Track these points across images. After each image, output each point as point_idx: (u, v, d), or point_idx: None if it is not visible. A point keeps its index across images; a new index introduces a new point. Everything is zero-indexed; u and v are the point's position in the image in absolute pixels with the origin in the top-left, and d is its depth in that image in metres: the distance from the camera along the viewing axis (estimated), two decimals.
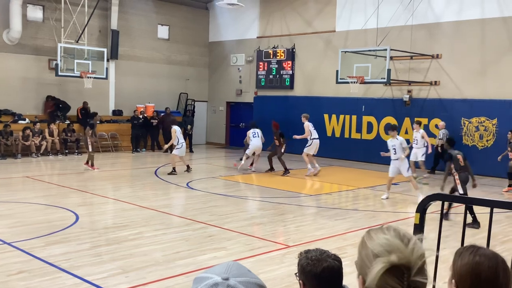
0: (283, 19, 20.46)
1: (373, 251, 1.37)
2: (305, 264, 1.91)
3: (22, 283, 5.43)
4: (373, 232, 1.44)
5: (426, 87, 16.51)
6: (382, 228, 1.44)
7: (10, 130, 16.39)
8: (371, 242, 1.40)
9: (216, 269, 1.26)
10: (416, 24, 16.19)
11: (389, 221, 9.21)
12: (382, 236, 1.39)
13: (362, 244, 1.44)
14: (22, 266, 5.97)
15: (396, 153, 11.00)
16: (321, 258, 1.91)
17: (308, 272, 1.89)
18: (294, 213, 9.56)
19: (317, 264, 1.89)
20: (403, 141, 11.05)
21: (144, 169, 15.14)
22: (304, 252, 1.99)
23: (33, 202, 9.74)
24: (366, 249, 1.40)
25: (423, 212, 2.34)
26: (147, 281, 5.60)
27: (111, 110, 20.36)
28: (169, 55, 21.94)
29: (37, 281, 5.51)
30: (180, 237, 7.50)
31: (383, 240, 1.37)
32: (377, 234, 1.41)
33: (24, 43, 17.69)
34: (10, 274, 5.67)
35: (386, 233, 1.40)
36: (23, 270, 5.83)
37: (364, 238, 1.45)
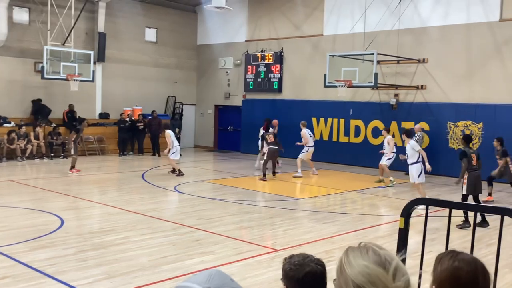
0: (271, 22, 20.51)
1: (353, 280, 1.30)
2: (288, 269, 1.91)
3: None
4: (351, 254, 1.36)
5: (412, 91, 16.64)
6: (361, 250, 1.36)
7: None
8: (351, 269, 1.32)
9: (197, 278, 1.22)
10: (403, 28, 16.32)
11: (376, 224, 9.24)
12: (361, 262, 1.32)
13: (341, 268, 1.36)
14: (6, 271, 5.88)
15: (408, 158, 10.71)
16: (304, 263, 1.90)
17: (291, 277, 1.89)
18: (282, 216, 9.55)
19: (299, 269, 1.89)
20: (414, 145, 10.68)
21: (131, 172, 15.04)
22: (288, 257, 1.98)
23: (18, 206, 9.62)
24: (345, 275, 1.33)
25: (407, 216, 2.35)
26: (133, 286, 5.55)
27: (98, 113, 20.21)
28: (157, 58, 21.85)
29: (21, 287, 5.43)
30: (167, 242, 7.45)
31: (363, 269, 1.30)
32: (356, 259, 1.33)
33: (9, 45, 17.50)
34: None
35: (365, 258, 1.32)
36: (7, 275, 5.75)
37: (343, 261, 1.37)
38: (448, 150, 15.67)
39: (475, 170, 9.04)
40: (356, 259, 1.33)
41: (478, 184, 9.15)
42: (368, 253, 1.33)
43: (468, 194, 8.99)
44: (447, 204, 2.53)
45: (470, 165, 8.98)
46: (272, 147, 14.20)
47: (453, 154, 15.42)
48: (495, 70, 14.90)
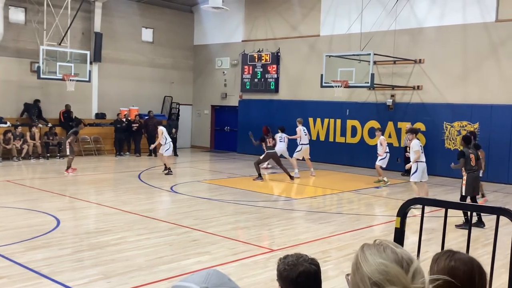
0: (268, 23, 20.52)
1: (370, 278, 1.27)
2: (282, 269, 1.92)
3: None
4: (368, 251, 1.33)
5: (409, 91, 16.68)
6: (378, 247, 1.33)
7: None
8: (368, 266, 1.29)
9: (194, 277, 1.22)
10: (399, 29, 16.36)
11: (372, 224, 9.25)
12: (379, 260, 1.29)
13: (357, 265, 1.33)
14: (2, 271, 5.86)
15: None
16: (298, 263, 1.91)
17: (285, 277, 1.89)
18: (279, 217, 9.56)
19: (293, 269, 1.89)
20: (414, 144, 10.80)
21: (128, 173, 15.02)
22: (282, 258, 1.99)
23: (13, 207, 9.59)
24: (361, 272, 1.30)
25: (403, 216, 2.35)
26: (129, 286, 5.54)
27: (94, 113, 20.17)
28: (153, 58, 21.83)
29: (18, 287, 5.41)
30: (163, 242, 7.44)
31: (381, 266, 1.27)
32: (373, 256, 1.30)
33: (5, 45, 17.45)
34: None
35: (383, 255, 1.30)
36: (3, 275, 5.72)
37: (359, 257, 1.34)
38: (444, 151, 15.71)
39: (474, 171, 9.05)
40: (373, 256, 1.30)
41: (477, 185, 9.18)
42: (386, 251, 1.31)
43: (467, 195, 9.00)
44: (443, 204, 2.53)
45: (469, 166, 8.98)
46: (271, 151, 14.30)
47: (449, 154, 15.46)
48: (491, 70, 14.96)
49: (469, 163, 8.98)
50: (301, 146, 15.22)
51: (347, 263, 6.55)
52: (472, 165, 9.01)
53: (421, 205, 2.38)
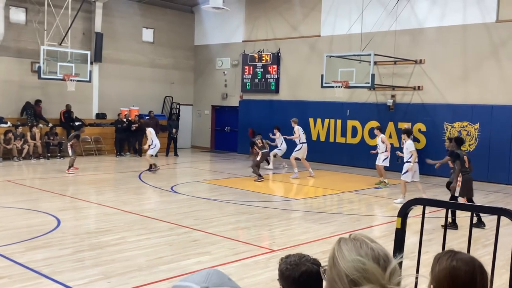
0: (268, 23, 20.52)
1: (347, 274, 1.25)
2: (284, 269, 1.91)
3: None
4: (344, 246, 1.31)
5: (409, 92, 16.67)
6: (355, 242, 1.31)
7: None
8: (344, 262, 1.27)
9: (195, 277, 1.22)
10: (400, 29, 16.35)
11: (372, 225, 9.25)
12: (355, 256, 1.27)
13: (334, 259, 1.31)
14: (2, 271, 5.86)
15: (405, 156, 11.26)
16: (300, 263, 1.91)
17: (287, 277, 1.89)
18: (279, 217, 9.55)
19: (295, 268, 1.89)
20: (409, 145, 11.14)
21: (128, 173, 15.01)
22: (284, 257, 1.98)
23: (14, 207, 9.59)
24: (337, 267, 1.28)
25: (404, 216, 2.35)
26: (129, 286, 5.54)
27: (95, 113, 20.17)
28: (154, 58, 21.83)
29: (18, 287, 5.41)
30: (163, 242, 7.44)
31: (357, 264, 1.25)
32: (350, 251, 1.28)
33: (6, 45, 17.45)
34: None
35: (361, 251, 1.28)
36: (3, 275, 5.72)
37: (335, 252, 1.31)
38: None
39: (468, 173, 9.07)
40: (350, 252, 1.28)
41: (471, 187, 9.18)
42: (362, 246, 1.29)
43: (460, 196, 8.99)
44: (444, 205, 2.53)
45: (464, 168, 8.99)
46: (265, 151, 14.52)
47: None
48: (492, 71, 14.95)
49: (464, 165, 8.99)
50: (301, 145, 15.12)
51: None
52: (466, 166, 9.03)
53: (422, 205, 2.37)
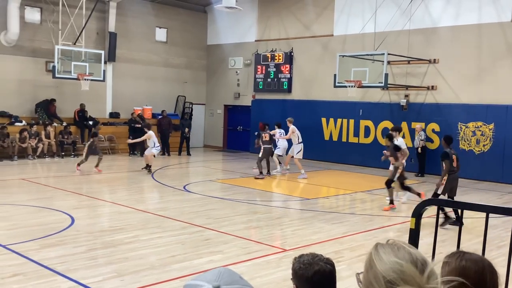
0: (281, 23, 20.50)
1: (384, 276, 1.27)
2: (297, 268, 1.92)
3: (16, 286, 5.38)
4: (381, 250, 1.33)
5: (423, 91, 16.55)
6: (392, 247, 1.33)
7: (7, 132, 16.34)
8: (381, 264, 1.29)
9: (206, 276, 1.22)
10: (414, 29, 16.24)
11: (385, 225, 9.20)
12: (393, 259, 1.29)
13: (370, 263, 1.33)
14: (17, 269, 5.93)
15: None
16: (313, 262, 1.91)
17: (300, 276, 1.89)
18: (291, 216, 9.55)
19: (308, 268, 1.89)
20: (401, 142, 11.21)
21: (141, 171, 15.10)
22: (297, 257, 1.99)
23: (28, 205, 9.70)
24: (374, 270, 1.30)
25: (418, 217, 2.34)
26: (142, 284, 5.57)
27: (108, 112, 20.33)
28: (167, 58, 21.93)
29: (32, 284, 5.46)
30: (176, 241, 7.47)
31: (395, 265, 1.27)
32: (388, 255, 1.30)
33: (21, 45, 17.66)
34: (5, 277, 5.63)
35: (398, 254, 1.30)
36: (18, 273, 5.79)
37: (372, 255, 1.33)
38: (458, 151, 15.52)
39: (454, 172, 9.02)
40: (388, 255, 1.30)
41: (455, 186, 9.17)
42: (400, 250, 1.31)
43: (443, 194, 8.94)
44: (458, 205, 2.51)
45: (451, 167, 8.95)
46: (267, 146, 14.48)
47: (463, 155, 15.32)
48: (506, 70, 14.78)
49: (452, 164, 8.94)
50: (301, 145, 15.07)
51: (360, 263, 6.51)
52: (454, 166, 8.98)
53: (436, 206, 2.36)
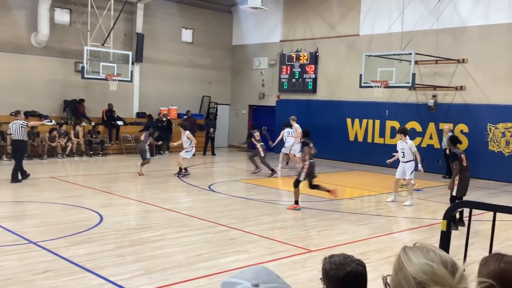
0: (306, 23, 20.45)
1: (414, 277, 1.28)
2: (328, 269, 1.91)
3: (47, 282, 5.51)
4: (411, 252, 1.34)
5: (451, 92, 16.29)
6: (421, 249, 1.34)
7: (37, 131, 16.72)
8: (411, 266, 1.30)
9: (244, 274, 1.23)
10: (442, 28, 16.01)
11: (412, 227, 9.10)
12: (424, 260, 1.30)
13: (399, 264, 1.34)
14: (47, 265, 6.06)
15: (404, 156, 11.15)
16: (345, 263, 1.91)
17: (331, 277, 1.89)
18: (316, 217, 9.52)
19: (340, 268, 1.89)
20: (411, 145, 11.12)
21: (167, 171, 15.26)
22: (328, 257, 1.99)
23: (58, 202, 9.91)
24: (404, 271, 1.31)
25: (450, 219, 2.32)
26: (169, 282, 5.64)
27: (135, 112, 20.60)
28: (192, 59, 22.11)
29: (62, 281, 5.57)
30: (202, 240, 7.54)
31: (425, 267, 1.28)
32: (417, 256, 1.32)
33: (51, 46, 18.04)
34: (36, 273, 5.75)
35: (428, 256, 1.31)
36: (48, 269, 5.92)
37: (401, 258, 1.34)
38: (488, 153, 15.27)
39: (465, 172, 8.90)
40: (417, 257, 1.31)
41: (467, 185, 9.04)
42: (430, 253, 1.32)
43: (458, 195, 8.82)
44: (491, 208, 2.48)
45: (462, 166, 8.84)
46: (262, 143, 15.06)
47: (493, 156, 15.05)
48: None
49: (462, 164, 8.82)
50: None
51: (386, 265, 6.47)
52: (464, 165, 8.86)
53: (468, 208, 2.34)
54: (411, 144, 11.13)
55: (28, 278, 5.62)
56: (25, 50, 17.59)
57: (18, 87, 17.44)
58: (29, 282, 5.51)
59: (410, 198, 11.09)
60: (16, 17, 17.39)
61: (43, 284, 5.46)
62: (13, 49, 17.35)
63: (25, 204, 9.96)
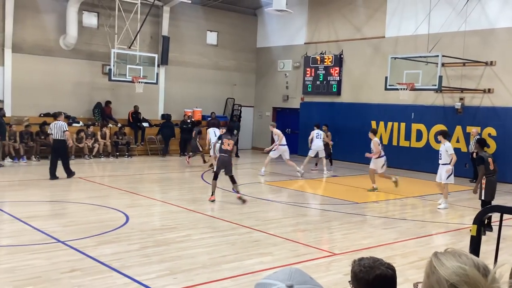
0: (331, 25, 20.36)
1: (447, 280, 1.30)
2: (357, 271, 1.90)
3: (74, 281, 5.60)
4: (443, 256, 1.36)
5: (479, 94, 16.01)
6: (453, 254, 1.36)
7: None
8: (444, 269, 1.32)
9: (278, 275, 1.24)
10: (469, 30, 15.74)
11: (439, 232, 8.97)
12: (456, 264, 1.31)
13: (431, 269, 1.35)
14: (74, 264, 6.16)
15: (441, 159, 10.95)
16: (374, 266, 1.89)
17: (360, 279, 1.88)
18: (340, 220, 9.47)
19: (369, 271, 1.88)
20: (449, 147, 10.88)
21: (191, 172, 15.38)
22: (357, 259, 1.98)
23: (85, 202, 10.08)
24: (437, 275, 1.33)
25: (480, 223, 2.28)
26: (194, 283, 5.69)
27: (160, 114, 20.81)
28: (217, 61, 22.24)
29: (89, 280, 5.66)
30: (226, 241, 7.57)
31: (458, 270, 1.30)
32: (449, 260, 1.33)
33: (79, 48, 18.38)
34: (63, 272, 5.85)
35: (460, 260, 1.32)
36: (76, 268, 6.01)
37: (433, 262, 1.36)
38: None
39: (492, 175, 8.72)
40: (450, 261, 1.33)
41: (495, 189, 8.87)
42: (462, 257, 1.34)
43: (487, 199, 8.65)
44: None
45: (488, 170, 8.66)
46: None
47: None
48: None
49: (488, 167, 8.65)
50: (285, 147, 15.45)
51: (412, 270, 6.40)
52: (491, 169, 8.68)
53: (499, 213, 2.30)
54: (448, 147, 10.88)
55: (56, 276, 5.72)
56: (54, 53, 17.96)
57: (47, 89, 17.82)
58: (57, 280, 5.62)
59: (445, 201, 10.93)
60: (46, 21, 17.78)
61: (70, 283, 5.56)
62: (42, 51, 17.73)
63: (53, 203, 10.16)
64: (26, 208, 9.38)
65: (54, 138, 12.77)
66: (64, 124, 12.91)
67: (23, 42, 17.33)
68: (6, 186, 12.03)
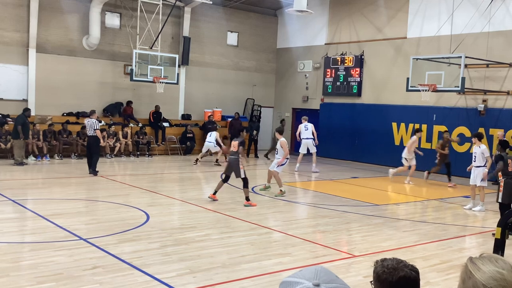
0: (352, 25, 20.24)
1: (484, 284, 1.30)
2: (380, 272, 1.88)
3: (96, 278, 5.69)
4: (478, 261, 1.37)
5: (502, 96, 15.74)
6: (489, 258, 1.37)
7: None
8: (481, 274, 1.33)
9: (304, 273, 1.24)
10: (493, 31, 15.49)
11: (461, 235, 8.85)
12: (493, 268, 1.32)
13: (467, 273, 1.37)
14: (96, 261, 6.26)
15: (475, 161, 10.81)
16: (398, 267, 1.87)
17: (383, 281, 1.86)
18: (360, 222, 9.41)
19: (393, 272, 1.86)
20: (484, 150, 10.72)
21: (210, 172, 15.45)
22: (380, 260, 1.96)
23: (107, 201, 10.21)
24: (473, 280, 1.33)
25: (505, 226, 2.26)
26: (214, 282, 5.72)
27: (180, 114, 20.95)
28: (237, 61, 22.30)
29: (111, 277, 5.75)
30: (245, 241, 7.59)
31: (496, 274, 1.30)
32: (486, 264, 1.34)
33: (102, 49, 18.62)
34: (85, 269, 5.95)
35: (497, 265, 1.33)
36: (98, 265, 6.11)
37: (469, 267, 1.38)
38: None
39: (511, 177, 8.55)
40: (486, 265, 1.33)
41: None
42: (498, 261, 1.34)
43: (505, 202, 8.48)
44: None
45: (506, 171, 8.51)
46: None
47: None
48: None
49: (507, 168, 8.50)
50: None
51: (432, 273, 6.34)
52: (509, 170, 8.52)
53: None
54: (484, 149, 10.71)
55: (78, 273, 5.81)
56: (77, 53, 18.23)
57: (70, 89, 18.09)
58: (79, 277, 5.70)
59: (481, 204, 10.78)
60: (69, 21, 18.06)
61: (92, 280, 5.64)
62: (66, 51, 18.01)
63: (76, 201, 10.31)
64: (49, 206, 9.55)
65: (88, 134, 13.91)
66: (96, 122, 13.74)
67: (47, 42, 17.63)
68: (29, 184, 12.26)
